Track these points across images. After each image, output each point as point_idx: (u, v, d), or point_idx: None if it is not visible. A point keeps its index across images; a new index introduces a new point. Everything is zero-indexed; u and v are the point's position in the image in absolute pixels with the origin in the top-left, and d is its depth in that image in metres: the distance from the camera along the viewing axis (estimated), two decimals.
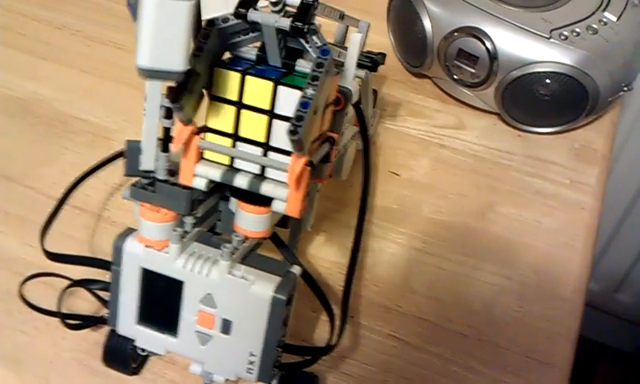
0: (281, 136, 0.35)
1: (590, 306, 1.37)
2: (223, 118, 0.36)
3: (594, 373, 1.46)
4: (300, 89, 0.34)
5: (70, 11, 0.79)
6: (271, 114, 0.35)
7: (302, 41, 0.35)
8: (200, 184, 0.36)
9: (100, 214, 0.56)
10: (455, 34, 0.63)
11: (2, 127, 0.63)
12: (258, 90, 0.35)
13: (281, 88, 0.34)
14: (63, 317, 0.44)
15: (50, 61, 0.72)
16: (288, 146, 0.35)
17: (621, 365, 1.47)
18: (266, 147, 0.36)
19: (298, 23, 0.34)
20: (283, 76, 0.36)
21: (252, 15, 0.35)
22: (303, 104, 0.32)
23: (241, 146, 0.36)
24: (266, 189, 0.35)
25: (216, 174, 0.35)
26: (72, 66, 0.71)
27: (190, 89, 0.32)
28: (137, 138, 0.37)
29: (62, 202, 0.49)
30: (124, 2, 0.81)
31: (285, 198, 0.35)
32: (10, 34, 0.75)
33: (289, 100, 0.34)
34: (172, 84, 0.32)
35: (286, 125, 0.34)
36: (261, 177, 0.36)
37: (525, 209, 0.59)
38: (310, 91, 0.32)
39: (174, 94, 0.32)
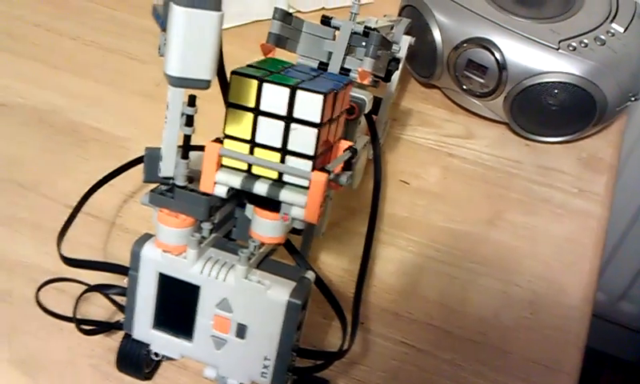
0: (297, 140, 0.36)
1: (595, 315, 1.36)
2: (241, 125, 0.36)
3: (598, 382, 1.46)
4: (318, 92, 0.35)
5: (83, 22, 0.80)
6: (288, 119, 0.36)
7: (364, 43, 0.45)
8: (221, 192, 0.36)
9: (113, 222, 0.57)
10: (465, 44, 0.64)
11: (16, 136, 0.64)
12: (274, 96, 0.35)
13: (299, 93, 0.35)
14: (78, 322, 0.45)
15: (64, 71, 0.73)
16: (304, 150, 0.36)
17: (625, 374, 1.47)
18: (284, 152, 0.36)
19: (367, 29, 0.45)
20: (300, 81, 0.37)
21: (334, 21, 0.47)
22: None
23: (259, 151, 0.36)
24: (284, 196, 0.36)
25: (236, 182, 0.36)
26: (85, 76, 0.72)
27: None
28: (154, 146, 0.38)
29: (78, 208, 0.50)
30: (137, 14, 0.82)
31: (303, 205, 0.36)
32: (25, 44, 0.76)
33: (306, 104, 0.35)
34: (196, 93, 0.32)
35: (303, 128, 0.35)
36: (279, 183, 0.36)
37: (533, 217, 0.60)
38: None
39: None
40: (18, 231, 0.55)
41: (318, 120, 0.35)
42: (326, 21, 0.47)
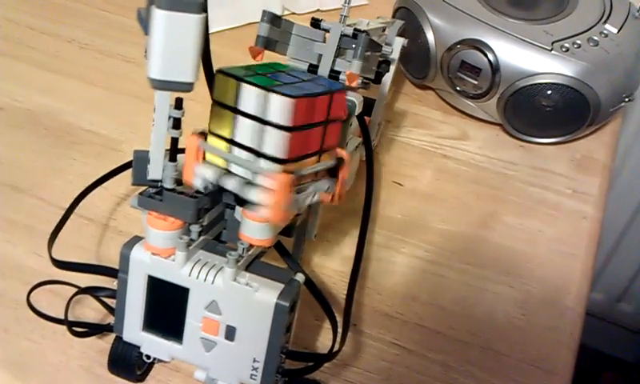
0: (270, 142, 0.36)
1: (593, 315, 1.37)
2: (222, 123, 0.37)
3: (598, 382, 1.46)
4: (290, 96, 0.35)
5: (78, 25, 0.81)
6: (261, 121, 0.36)
7: (353, 45, 0.45)
8: (199, 184, 0.37)
9: (107, 224, 0.57)
10: (458, 46, 0.64)
11: (11, 138, 0.64)
12: (250, 97, 0.35)
13: (271, 95, 0.35)
14: (70, 324, 0.45)
15: (59, 73, 0.73)
16: (276, 153, 0.36)
17: (624, 374, 1.47)
18: (258, 154, 0.36)
19: (356, 31, 0.45)
20: (281, 85, 0.37)
21: (324, 24, 0.47)
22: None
23: (237, 151, 0.37)
24: (252, 195, 0.36)
25: (211, 175, 0.36)
26: (81, 79, 0.72)
27: None
28: (143, 149, 0.38)
29: (70, 211, 0.50)
30: (132, 16, 0.83)
31: (268, 205, 0.36)
32: (20, 47, 0.76)
33: (278, 107, 0.35)
34: (181, 95, 0.32)
35: (275, 131, 0.35)
36: (252, 183, 0.37)
37: (527, 218, 0.60)
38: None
39: None
40: (11, 233, 0.55)
41: (288, 123, 0.35)
42: (315, 23, 0.47)
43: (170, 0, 0.29)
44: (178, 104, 0.36)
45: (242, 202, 0.38)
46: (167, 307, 0.39)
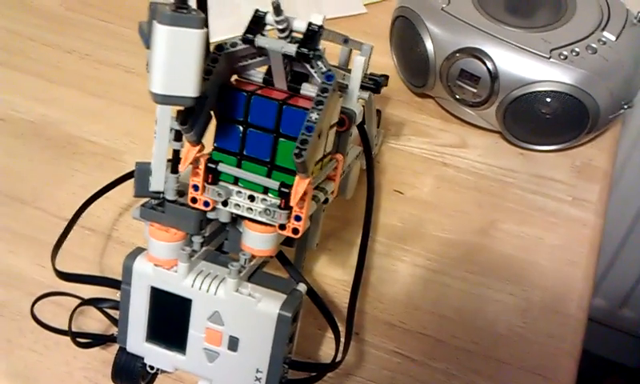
0: (284, 155, 0.36)
1: (596, 321, 1.37)
2: (230, 137, 0.37)
3: None
4: (304, 109, 0.35)
5: (79, 36, 0.81)
6: (277, 134, 0.36)
7: (308, 66, 0.36)
8: (208, 206, 0.37)
9: (109, 235, 0.57)
10: (457, 54, 0.65)
11: (12, 149, 0.64)
12: (263, 110, 0.36)
13: (286, 108, 0.36)
14: (74, 335, 0.45)
15: (60, 84, 0.73)
16: (292, 165, 0.36)
17: (626, 380, 1.47)
18: (271, 166, 0.37)
19: (304, 49, 0.35)
20: (288, 98, 0.37)
21: (259, 41, 0.36)
22: (308, 128, 0.33)
23: (246, 165, 0.37)
24: (269, 210, 0.36)
25: (222, 195, 0.37)
26: (81, 90, 0.73)
27: (198, 111, 0.33)
28: (145, 159, 0.38)
29: (73, 222, 0.50)
30: (133, 27, 0.83)
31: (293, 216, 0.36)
32: (21, 58, 0.76)
33: (294, 120, 0.35)
34: (182, 108, 0.33)
35: (290, 143, 0.35)
36: (266, 198, 0.37)
37: (527, 226, 0.60)
38: (314, 115, 0.33)
39: (183, 117, 0.33)
40: (14, 244, 0.55)
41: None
42: (247, 39, 0.37)
43: (172, 16, 0.29)
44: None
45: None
46: (170, 318, 0.40)
